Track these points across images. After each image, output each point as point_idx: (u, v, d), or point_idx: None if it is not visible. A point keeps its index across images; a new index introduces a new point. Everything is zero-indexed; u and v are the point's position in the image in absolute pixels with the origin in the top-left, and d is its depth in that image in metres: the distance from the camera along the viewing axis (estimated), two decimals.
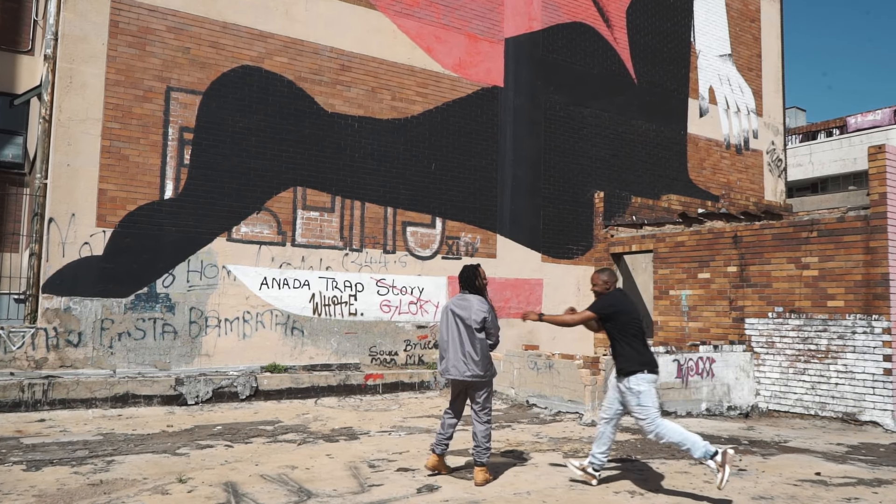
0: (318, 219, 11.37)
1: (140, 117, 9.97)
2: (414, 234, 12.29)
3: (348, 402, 10.55)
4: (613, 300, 5.83)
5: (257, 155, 10.86)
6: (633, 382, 5.53)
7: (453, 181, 12.76)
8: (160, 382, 9.59)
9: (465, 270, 6.20)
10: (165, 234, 10.06)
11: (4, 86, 13.63)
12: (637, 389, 5.50)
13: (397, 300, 11.98)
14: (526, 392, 10.44)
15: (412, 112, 12.40)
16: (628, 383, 5.59)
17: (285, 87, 11.17)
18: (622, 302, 5.85)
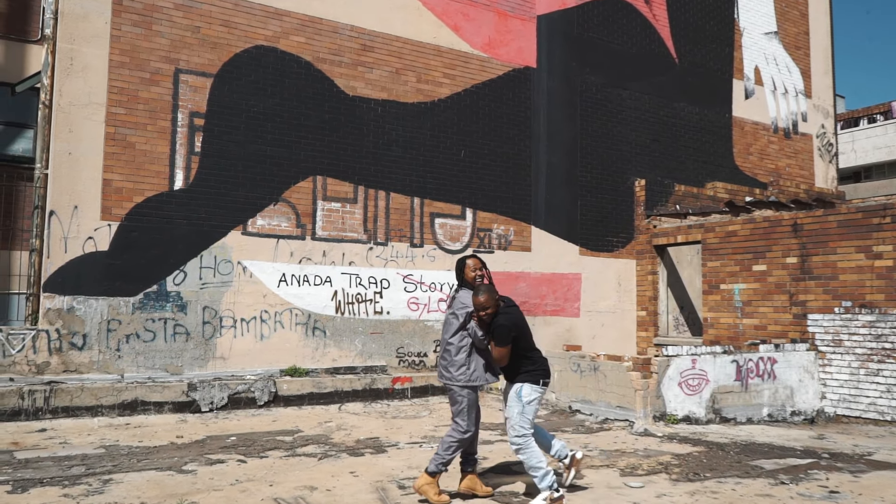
0: (340, 210, 10.56)
1: (147, 102, 9.24)
2: (443, 226, 11.44)
3: (375, 408, 9.74)
4: (512, 321, 5.32)
5: (274, 142, 10.08)
6: (526, 391, 5.28)
7: (484, 169, 11.89)
8: (171, 388, 8.86)
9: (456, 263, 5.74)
10: (176, 227, 9.32)
11: (14, 76, 13.02)
12: (528, 399, 5.26)
13: (426, 297, 11.14)
14: (568, 397, 9.54)
15: (439, 95, 11.54)
16: (521, 390, 5.31)
17: (303, 68, 10.38)
18: (518, 316, 5.42)
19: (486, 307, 5.17)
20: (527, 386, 5.26)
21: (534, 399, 5.26)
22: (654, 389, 8.54)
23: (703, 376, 8.88)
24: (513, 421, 5.24)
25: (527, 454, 5.15)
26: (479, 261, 5.51)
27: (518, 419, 5.21)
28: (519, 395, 5.26)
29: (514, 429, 5.22)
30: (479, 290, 5.22)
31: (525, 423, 5.20)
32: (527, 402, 5.23)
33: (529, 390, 5.26)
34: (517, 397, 5.26)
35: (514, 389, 5.32)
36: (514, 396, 5.29)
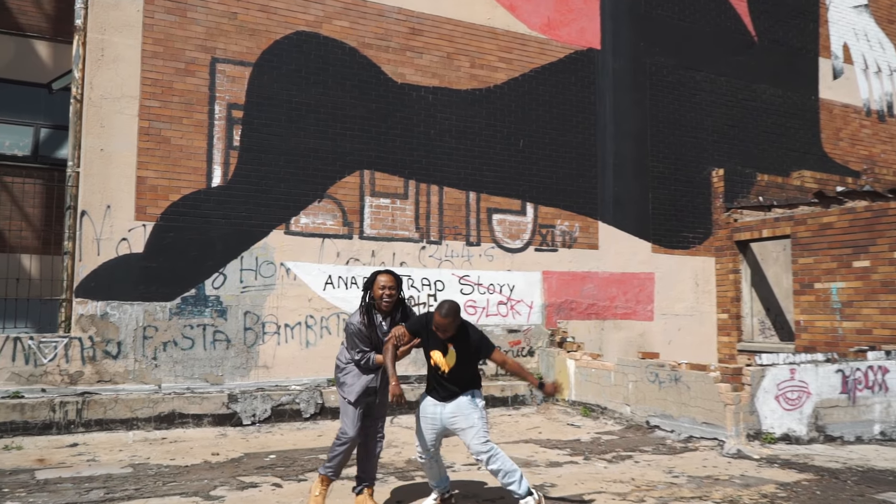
0: (390, 207, 9.78)
1: (182, 93, 8.66)
2: (501, 222, 10.54)
3: None
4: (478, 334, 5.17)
5: (317, 134, 9.37)
6: (479, 399, 5.11)
7: (545, 160, 10.93)
8: (211, 399, 8.22)
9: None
10: (214, 227, 8.70)
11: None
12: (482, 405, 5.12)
13: (484, 300, 10.25)
14: (645, 410, 8.48)
15: (495, 81, 10.65)
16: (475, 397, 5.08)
17: (347, 55, 9.65)
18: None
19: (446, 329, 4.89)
20: (478, 392, 5.11)
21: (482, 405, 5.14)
22: (746, 404, 7.42)
23: (803, 388, 7.71)
24: (477, 428, 4.93)
25: (499, 460, 4.89)
26: (392, 277, 5.18)
27: (482, 425, 4.97)
28: (475, 401, 5.02)
29: (478, 437, 4.91)
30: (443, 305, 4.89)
31: (487, 429, 5.04)
32: (483, 409, 5.07)
33: (481, 397, 5.13)
34: (474, 404, 5.01)
35: (465, 399, 5.01)
36: (470, 404, 5.00)
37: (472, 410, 4.95)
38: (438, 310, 4.85)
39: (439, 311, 4.84)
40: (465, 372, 5.01)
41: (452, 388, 4.99)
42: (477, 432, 4.91)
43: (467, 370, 5.04)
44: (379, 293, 5.07)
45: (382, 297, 5.06)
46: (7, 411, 7.36)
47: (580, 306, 10.96)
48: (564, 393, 9.83)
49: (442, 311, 4.82)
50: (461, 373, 4.99)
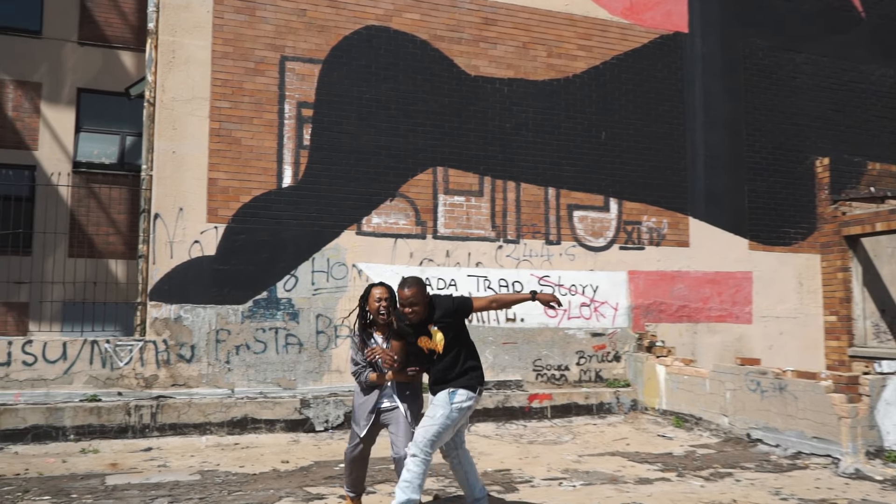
0: (464, 205, 9.37)
1: (252, 93, 8.54)
2: (583, 219, 9.94)
3: (508, 430, 8.42)
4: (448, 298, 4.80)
5: (388, 131, 9.08)
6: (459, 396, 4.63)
7: (629, 152, 10.26)
8: (283, 404, 8.03)
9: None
10: (285, 228, 8.53)
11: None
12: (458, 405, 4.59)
13: (565, 302, 9.68)
14: (745, 422, 7.72)
15: (573, 70, 10.08)
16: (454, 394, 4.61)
17: (418, 48, 9.32)
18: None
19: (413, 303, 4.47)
20: (463, 390, 4.55)
21: (466, 407, 4.54)
22: (865, 417, 6.57)
23: None
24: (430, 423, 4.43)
25: (418, 465, 4.35)
26: (387, 289, 4.88)
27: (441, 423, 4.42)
28: (451, 396, 4.51)
29: (424, 431, 4.41)
30: (405, 281, 4.57)
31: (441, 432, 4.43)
32: (456, 408, 4.49)
33: (465, 396, 4.54)
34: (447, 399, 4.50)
35: (444, 392, 4.55)
36: (445, 398, 4.51)
37: (440, 406, 4.50)
38: (401, 287, 4.55)
39: (402, 287, 4.53)
40: (459, 352, 4.61)
41: (449, 376, 4.59)
42: (427, 427, 4.44)
43: (461, 348, 4.64)
44: (375, 306, 4.81)
45: (379, 310, 4.81)
46: (85, 414, 7.38)
47: (670, 308, 10.21)
48: (654, 401, 9.13)
49: (405, 284, 4.52)
50: (456, 354, 4.60)
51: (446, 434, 4.49)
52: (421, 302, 4.48)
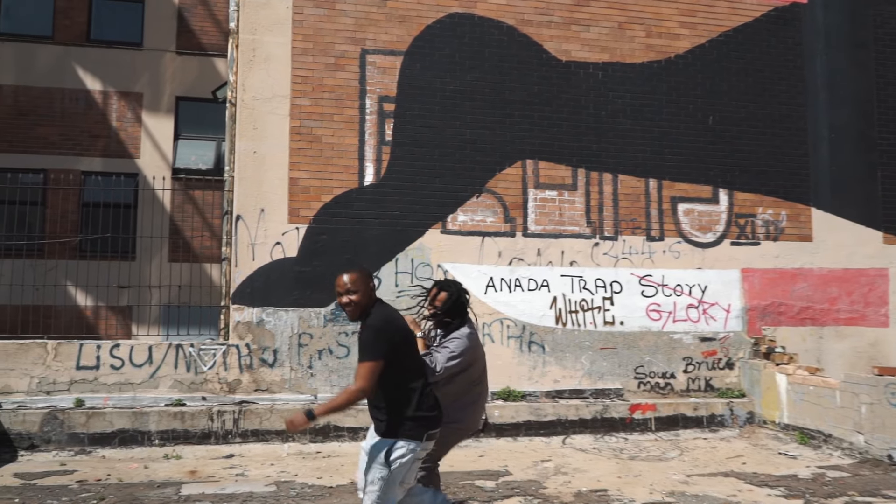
0: (556, 199, 8.74)
1: (332, 89, 8.27)
2: (688, 212, 9.07)
3: (607, 444, 7.72)
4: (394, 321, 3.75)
5: (474, 123, 8.58)
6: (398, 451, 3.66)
7: (741, 138, 9.29)
8: (366, 412, 7.65)
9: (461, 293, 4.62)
10: (367, 228, 8.20)
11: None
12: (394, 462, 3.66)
13: (670, 303, 8.85)
14: (885, 441, 6.67)
15: (675, 50, 9.23)
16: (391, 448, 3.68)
17: (505, 34, 8.77)
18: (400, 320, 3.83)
19: (350, 290, 3.66)
20: (402, 442, 3.60)
21: (408, 461, 3.61)
22: None
23: None
24: (370, 487, 3.61)
25: None
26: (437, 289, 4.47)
27: (376, 491, 3.57)
28: (388, 455, 3.59)
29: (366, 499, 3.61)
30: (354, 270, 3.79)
31: (384, 496, 3.56)
32: (398, 467, 3.58)
33: (405, 450, 3.59)
34: (378, 454, 3.61)
35: (376, 440, 3.71)
36: (376, 450, 3.64)
37: (377, 466, 3.58)
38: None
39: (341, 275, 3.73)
40: (384, 383, 3.58)
41: (372, 410, 3.75)
42: (369, 495, 3.59)
43: (385, 380, 3.57)
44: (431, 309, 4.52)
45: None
46: (169, 419, 7.30)
47: (790, 310, 9.15)
48: (774, 414, 8.16)
49: (346, 271, 3.74)
50: (396, 384, 3.63)
51: (392, 493, 3.61)
52: (361, 290, 3.62)
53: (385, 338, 3.53)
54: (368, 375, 3.47)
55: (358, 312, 3.65)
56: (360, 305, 3.63)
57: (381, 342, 3.51)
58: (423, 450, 3.66)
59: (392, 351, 3.53)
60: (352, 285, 3.63)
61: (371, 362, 3.48)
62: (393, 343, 3.54)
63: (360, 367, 3.51)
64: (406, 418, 3.59)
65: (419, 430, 3.61)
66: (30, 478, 6.14)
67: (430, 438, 3.68)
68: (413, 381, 3.64)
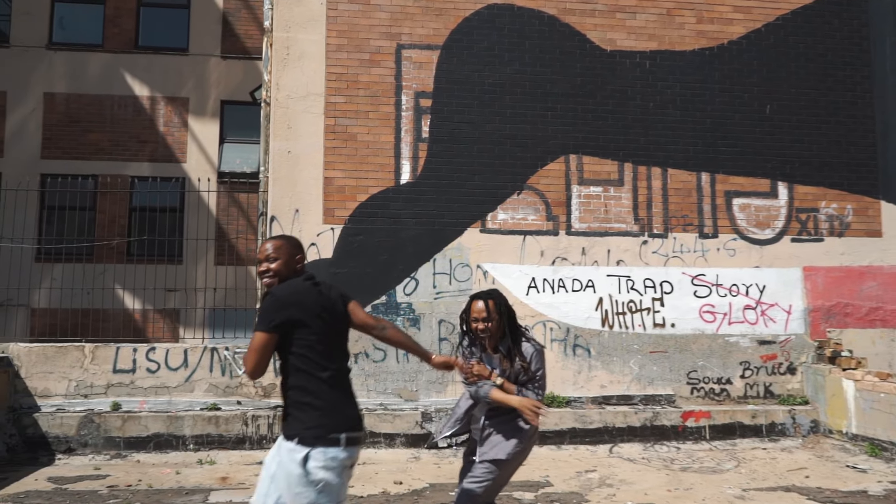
0: (602, 196, 8.33)
1: (367, 86, 8.07)
2: (744, 207, 8.54)
3: (657, 454, 7.28)
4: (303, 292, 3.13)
5: (514, 118, 8.25)
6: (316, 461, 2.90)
7: (801, 128, 8.70)
8: (403, 417, 7.44)
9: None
10: (403, 228, 7.96)
11: None
12: (316, 476, 2.87)
13: (725, 304, 8.33)
14: None
15: (729, 36, 8.71)
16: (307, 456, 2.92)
17: (546, 25, 8.42)
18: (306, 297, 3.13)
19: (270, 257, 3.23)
20: (317, 451, 2.90)
21: (333, 469, 2.92)
22: None
23: None
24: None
25: None
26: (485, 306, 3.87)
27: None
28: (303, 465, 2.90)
29: None
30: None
31: None
32: (316, 486, 2.86)
33: (322, 458, 2.90)
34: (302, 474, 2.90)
35: (287, 445, 2.99)
36: (297, 468, 2.90)
37: (293, 482, 2.91)
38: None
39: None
40: (286, 371, 3.09)
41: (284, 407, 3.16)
42: None
43: (288, 368, 3.09)
44: (473, 326, 3.91)
45: (478, 332, 3.88)
46: (203, 424, 7.20)
47: (858, 311, 8.51)
48: (840, 423, 7.57)
49: (268, 239, 3.34)
50: (284, 372, 3.11)
51: None
52: (283, 259, 3.18)
53: (281, 306, 3.00)
54: (253, 347, 2.98)
55: (275, 284, 3.17)
56: (278, 275, 3.16)
57: (276, 311, 2.99)
58: (350, 459, 3.02)
59: (291, 325, 2.99)
60: (273, 252, 3.19)
61: (257, 332, 2.99)
62: (291, 318, 2.99)
63: (252, 340, 3.03)
64: (315, 416, 2.99)
65: (332, 430, 2.99)
66: (62, 482, 6.10)
67: (352, 443, 3.04)
68: (322, 371, 3.05)
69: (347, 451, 2.98)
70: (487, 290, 3.98)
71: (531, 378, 3.79)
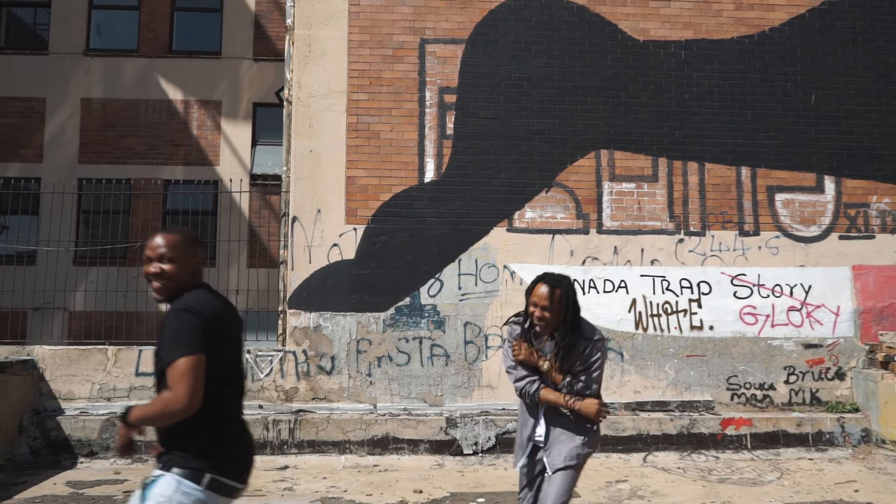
0: (635, 192, 7.98)
1: (390, 82, 7.87)
2: (788, 203, 8.08)
3: (694, 463, 6.90)
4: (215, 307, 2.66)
5: (542, 112, 7.96)
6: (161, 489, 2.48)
7: (850, 118, 8.20)
8: (427, 423, 7.21)
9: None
10: (428, 227, 7.73)
11: None
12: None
13: (767, 305, 7.88)
14: None
15: (770, 23, 8.26)
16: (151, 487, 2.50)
17: (575, 15, 8.11)
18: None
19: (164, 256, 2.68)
20: (169, 478, 2.50)
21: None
22: None
23: None
24: None
25: None
26: (550, 290, 3.42)
27: None
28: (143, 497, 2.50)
29: None
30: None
31: None
32: None
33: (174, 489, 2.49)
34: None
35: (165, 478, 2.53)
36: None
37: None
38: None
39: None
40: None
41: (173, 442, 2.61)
42: None
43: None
44: (531, 311, 3.47)
45: (533, 318, 3.46)
46: None
47: None
48: (893, 432, 7.06)
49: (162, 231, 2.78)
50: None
51: None
52: (180, 260, 2.65)
53: (203, 323, 2.52)
54: (193, 376, 2.43)
55: (169, 290, 2.65)
56: (173, 280, 2.64)
57: (200, 329, 2.51)
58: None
59: (210, 345, 2.53)
60: (168, 250, 2.64)
61: (191, 356, 2.45)
62: (212, 335, 2.54)
63: (175, 367, 2.44)
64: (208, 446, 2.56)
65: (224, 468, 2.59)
66: (80, 486, 6.04)
67: (226, 493, 2.60)
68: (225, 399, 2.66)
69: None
70: (558, 274, 3.53)
71: (586, 368, 3.44)
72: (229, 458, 2.64)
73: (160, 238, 2.68)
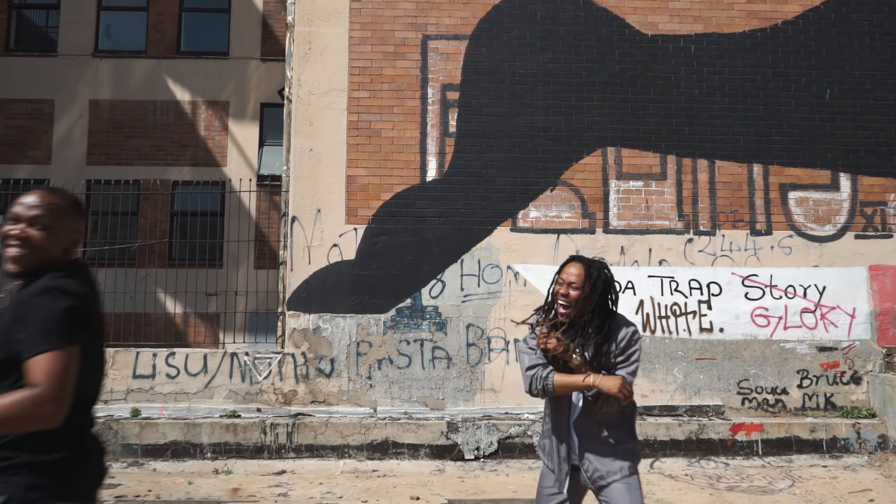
0: (642, 191, 7.77)
1: (392, 79, 7.73)
2: (801, 201, 7.83)
3: (702, 470, 6.67)
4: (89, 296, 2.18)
5: (547, 109, 7.77)
6: None
7: (866, 113, 7.93)
8: (427, 427, 7.05)
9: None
10: (429, 227, 7.57)
11: None
12: None
13: (780, 307, 7.64)
14: None
15: (783, 15, 8.02)
16: None
17: (581, 9, 7.92)
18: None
19: (32, 218, 2.16)
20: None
21: None
22: None
23: None
24: None
25: None
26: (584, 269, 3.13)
27: None
28: None
29: None
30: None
31: None
32: None
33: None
34: None
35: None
36: None
37: None
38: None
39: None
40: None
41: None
42: None
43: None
44: (558, 290, 3.11)
45: (558, 299, 3.10)
46: (221, 431, 6.97)
47: None
48: None
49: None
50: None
51: None
52: (52, 227, 2.16)
53: (82, 314, 2.08)
54: (67, 374, 1.97)
55: (29, 262, 2.14)
56: (39, 252, 2.14)
57: (77, 320, 2.06)
58: None
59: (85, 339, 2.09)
60: (43, 214, 2.15)
61: (64, 349, 1.98)
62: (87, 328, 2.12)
63: (41, 360, 1.94)
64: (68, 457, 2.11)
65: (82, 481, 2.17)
66: None
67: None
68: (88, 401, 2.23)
69: None
70: (592, 258, 3.25)
71: (626, 360, 3.05)
72: (80, 483, 2.16)
73: (36, 197, 2.16)
